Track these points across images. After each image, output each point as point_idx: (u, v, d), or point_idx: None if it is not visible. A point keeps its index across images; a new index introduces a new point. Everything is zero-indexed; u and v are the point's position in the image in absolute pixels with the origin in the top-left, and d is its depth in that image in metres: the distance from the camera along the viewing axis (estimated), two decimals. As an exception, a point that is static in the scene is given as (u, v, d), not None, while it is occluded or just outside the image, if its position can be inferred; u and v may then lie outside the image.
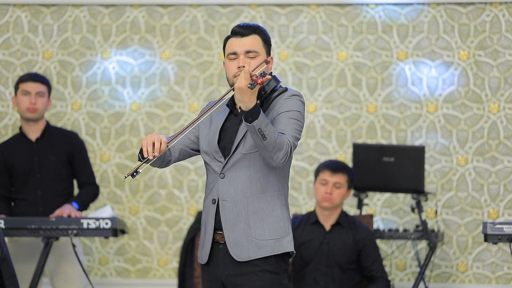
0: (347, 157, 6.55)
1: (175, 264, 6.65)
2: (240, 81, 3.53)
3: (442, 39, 6.58)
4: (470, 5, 6.56)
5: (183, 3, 6.72)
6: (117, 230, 5.24)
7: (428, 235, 5.94)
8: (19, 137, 5.61)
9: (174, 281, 6.58)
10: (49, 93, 5.58)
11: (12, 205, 5.59)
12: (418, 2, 6.59)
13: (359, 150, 6.07)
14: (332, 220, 5.44)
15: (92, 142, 6.71)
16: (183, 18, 6.74)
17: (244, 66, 3.67)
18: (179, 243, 6.60)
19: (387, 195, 6.57)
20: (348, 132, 6.63)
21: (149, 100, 6.74)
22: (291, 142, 3.66)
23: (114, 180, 6.73)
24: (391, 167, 6.01)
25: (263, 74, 3.60)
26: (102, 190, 6.65)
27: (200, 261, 3.81)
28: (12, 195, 5.58)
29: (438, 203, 6.51)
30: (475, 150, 6.52)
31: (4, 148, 5.60)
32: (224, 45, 3.83)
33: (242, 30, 3.77)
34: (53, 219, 5.20)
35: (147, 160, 3.65)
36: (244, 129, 3.72)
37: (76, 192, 5.67)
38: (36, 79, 5.55)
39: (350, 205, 6.43)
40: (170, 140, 3.71)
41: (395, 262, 6.56)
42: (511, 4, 6.52)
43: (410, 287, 6.19)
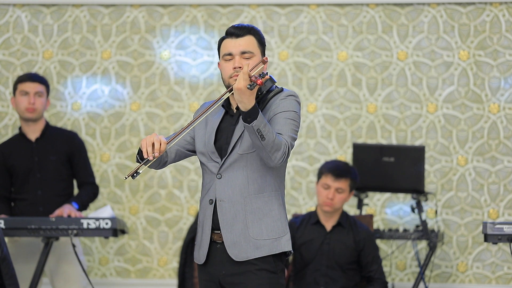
0: (347, 157, 6.55)
1: (175, 264, 6.65)
2: (239, 82, 3.54)
3: (442, 39, 6.58)
4: (470, 5, 6.56)
5: (183, 3, 6.72)
6: (117, 230, 5.24)
7: (428, 235, 5.94)
8: (19, 137, 5.61)
9: (174, 281, 6.58)
10: (48, 93, 5.58)
11: (12, 205, 5.59)
12: (418, 2, 6.59)
13: (359, 150, 6.07)
14: (333, 221, 5.44)
15: (92, 142, 6.71)
16: (183, 18, 6.74)
17: (240, 67, 3.70)
18: (179, 243, 6.60)
19: (387, 195, 6.57)
20: (348, 132, 6.63)
21: (149, 100, 6.74)
22: (289, 142, 3.66)
23: (114, 180, 6.73)
24: (391, 167, 6.01)
25: (262, 75, 3.60)
26: (102, 190, 6.64)
27: (198, 262, 3.81)
28: (12, 195, 5.58)
29: (438, 203, 6.51)
30: (475, 150, 6.52)
31: (4, 149, 5.60)
32: (219, 46, 3.83)
33: (237, 31, 3.76)
34: (53, 219, 5.20)
35: (147, 161, 3.65)
36: (241, 130, 3.73)
37: (76, 192, 5.67)
38: (35, 79, 5.55)
39: (350, 205, 6.43)
40: (169, 141, 3.71)
41: (395, 262, 6.56)
42: (511, 4, 6.52)
43: (410, 287, 6.19)
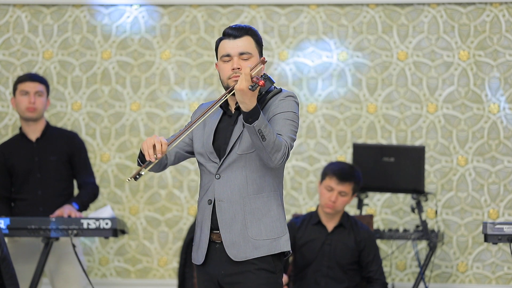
0: (347, 157, 6.55)
1: (175, 264, 6.65)
2: (241, 83, 3.54)
3: (442, 39, 6.58)
4: (470, 5, 6.56)
5: (183, 3, 6.72)
6: (117, 230, 5.24)
7: (428, 235, 5.94)
8: (19, 137, 5.61)
9: (174, 281, 6.58)
10: (48, 93, 5.59)
11: (12, 205, 5.59)
12: (418, 2, 6.59)
13: (359, 150, 6.07)
14: (335, 222, 5.43)
15: (92, 142, 6.71)
16: (183, 18, 6.74)
17: (239, 68, 3.71)
18: (179, 243, 6.60)
19: (387, 195, 6.57)
20: (348, 132, 6.63)
21: (149, 100, 6.74)
22: (288, 143, 3.67)
23: (114, 180, 6.73)
24: (391, 167, 6.01)
25: (264, 76, 3.60)
26: (102, 190, 6.65)
27: (196, 262, 3.81)
28: (12, 195, 5.58)
29: (438, 203, 6.51)
30: (475, 150, 6.52)
31: (4, 149, 5.60)
32: (217, 47, 3.82)
33: (235, 32, 3.76)
34: (53, 219, 5.20)
35: (149, 163, 3.65)
36: (239, 130, 3.73)
37: (76, 192, 5.67)
38: (34, 79, 5.55)
39: (350, 205, 6.43)
40: (170, 142, 3.71)
41: (395, 262, 6.56)
42: (511, 4, 6.52)
43: (410, 287, 6.19)
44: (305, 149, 6.65)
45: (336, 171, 5.36)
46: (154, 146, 3.62)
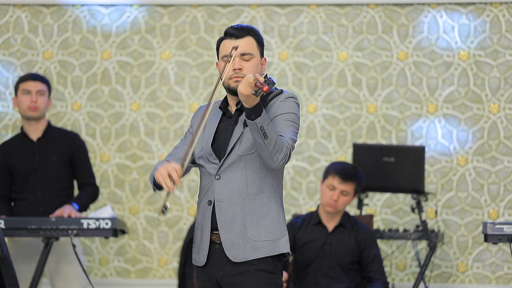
0: (347, 157, 6.55)
1: (175, 264, 6.64)
2: (246, 89, 3.52)
3: (442, 39, 6.58)
4: (470, 5, 6.56)
5: (183, 3, 6.72)
6: (117, 230, 5.24)
7: (428, 235, 5.94)
8: (20, 137, 5.61)
9: (174, 281, 6.58)
10: (50, 93, 5.59)
11: (12, 205, 5.59)
12: (418, 2, 6.59)
13: (359, 150, 6.07)
14: (335, 222, 5.43)
15: (92, 142, 6.71)
16: (183, 18, 6.74)
17: (240, 69, 3.70)
18: (179, 243, 6.60)
19: (387, 195, 6.57)
20: (348, 132, 6.63)
21: (149, 100, 6.74)
22: (290, 144, 3.66)
23: (114, 180, 6.73)
24: (391, 167, 6.01)
25: (269, 81, 3.60)
26: (102, 190, 6.64)
27: (198, 264, 3.79)
28: (12, 195, 5.58)
29: (438, 203, 6.51)
30: (475, 150, 6.52)
31: (5, 148, 5.60)
32: (218, 47, 3.82)
33: (237, 32, 3.76)
34: (53, 219, 5.20)
35: (169, 193, 3.59)
36: (240, 131, 3.73)
37: (76, 193, 5.67)
38: (36, 78, 5.57)
39: (350, 205, 6.43)
40: (182, 163, 3.66)
41: (395, 262, 6.56)
42: (511, 4, 6.52)
43: (410, 287, 6.19)
44: (305, 149, 6.65)
45: (339, 170, 5.36)
46: (170, 175, 3.59)
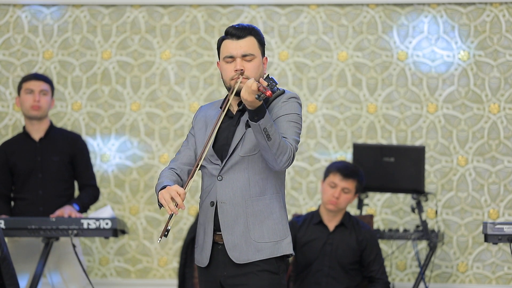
0: (347, 157, 6.55)
1: (175, 264, 6.64)
2: (249, 96, 3.50)
3: (442, 39, 6.58)
4: (470, 5, 6.56)
5: (183, 3, 6.72)
6: (117, 230, 5.24)
7: (428, 235, 5.94)
8: (23, 136, 5.61)
9: (174, 281, 6.58)
10: (52, 93, 5.61)
11: (12, 205, 5.59)
12: (418, 3, 6.59)
13: (359, 150, 6.07)
14: (336, 221, 5.43)
15: (92, 142, 6.71)
16: (183, 18, 6.74)
17: (242, 69, 3.69)
18: (179, 243, 6.60)
19: (387, 195, 6.57)
20: (348, 132, 6.63)
21: (149, 100, 6.74)
22: (294, 146, 3.65)
23: (114, 180, 6.73)
24: (391, 167, 6.00)
25: (272, 86, 3.58)
26: (102, 190, 6.64)
27: (200, 265, 3.78)
28: (13, 195, 5.58)
29: (438, 203, 6.51)
30: (475, 150, 6.52)
31: (7, 147, 5.60)
32: (219, 46, 3.80)
33: (238, 32, 3.74)
34: (53, 219, 5.20)
35: (172, 215, 3.59)
36: (242, 131, 3.71)
37: (76, 194, 5.67)
38: (40, 78, 5.58)
39: (350, 205, 6.43)
40: (186, 184, 3.65)
41: (395, 262, 6.56)
42: (511, 4, 6.52)
43: (410, 287, 6.19)
44: (305, 149, 6.64)
45: (340, 168, 5.38)
46: (172, 198, 3.57)
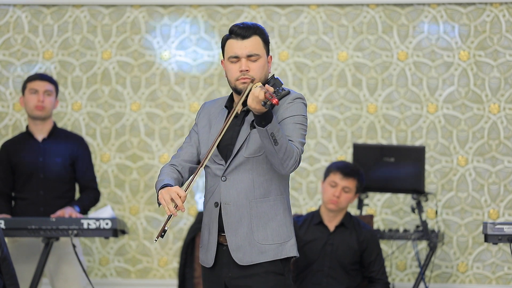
0: (347, 158, 6.55)
1: (175, 264, 6.64)
2: (257, 105, 3.47)
3: (443, 39, 6.58)
4: (471, 6, 6.56)
5: (183, 4, 6.72)
6: (117, 231, 5.23)
7: (429, 236, 5.94)
8: (26, 136, 5.61)
9: (175, 281, 6.58)
10: (57, 93, 5.61)
11: (13, 205, 5.59)
12: (418, 3, 6.59)
13: (359, 151, 6.07)
14: (337, 221, 5.43)
15: (92, 142, 6.71)
16: (183, 19, 6.74)
17: (248, 70, 3.65)
18: (179, 244, 6.60)
19: (387, 195, 6.57)
20: (349, 132, 6.63)
21: (149, 100, 6.74)
22: (300, 149, 3.63)
23: (114, 180, 6.73)
24: (391, 168, 6.01)
25: (278, 92, 3.55)
26: (102, 190, 6.64)
27: (205, 265, 3.76)
28: (14, 194, 5.58)
29: (438, 204, 6.51)
30: (475, 151, 6.52)
31: (10, 146, 5.60)
32: (223, 45, 3.76)
33: (243, 32, 3.69)
34: (54, 219, 5.20)
35: (171, 216, 3.59)
36: (246, 132, 3.68)
37: (77, 196, 5.67)
38: (44, 78, 5.58)
39: (351, 206, 6.42)
40: (187, 187, 3.63)
41: (396, 263, 6.56)
42: (511, 4, 6.52)
43: (411, 287, 6.19)
44: (305, 149, 6.64)
45: (341, 167, 5.39)
46: (172, 199, 3.56)
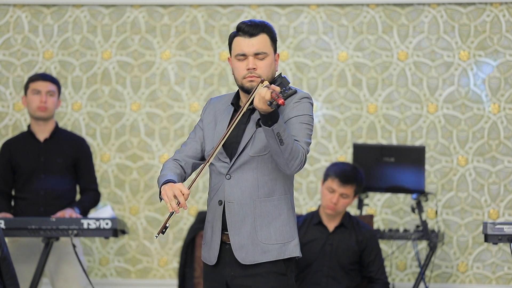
0: (347, 157, 6.55)
1: (175, 264, 6.64)
2: (264, 105, 3.45)
3: (443, 39, 6.58)
4: (471, 5, 6.56)
5: (183, 3, 6.72)
6: (118, 230, 5.23)
7: (429, 235, 5.94)
8: (27, 136, 5.61)
9: (175, 281, 6.58)
10: (59, 93, 5.61)
11: (13, 204, 5.59)
12: (418, 2, 6.59)
13: (360, 150, 6.07)
14: (336, 222, 5.42)
15: (93, 142, 6.71)
16: (183, 19, 6.74)
17: (255, 68, 3.62)
18: (179, 243, 6.60)
19: (387, 195, 6.57)
20: (349, 132, 6.63)
21: (149, 100, 6.74)
22: (305, 149, 3.60)
23: (114, 180, 6.73)
24: (392, 167, 6.01)
25: (284, 92, 3.53)
26: (102, 190, 6.64)
27: (208, 262, 3.74)
28: (14, 194, 5.59)
29: (439, 203, 6.51)
30: (475, 150, 6.52)
31: (12, 145, 5.60)
32: (230, 42, 3.72)
33: (251, 30, 3.66)
34: (54, 219, 5.20)
35: (173, 213, 3.58)
36: (252, 130, 3.66)
37: (77, 197, 5.67)
38: (46, 79, 5.58)
39: (351, 206, 6.42)
40: (191, 185, 3.61)
41: (396, 262, 6.56)
42: (511, 4, 6.52)
43: (411, 287, 6.19)
44: (305, 149, 6.64)
45: (338, 173, 5.33)
46: (175, 196, 3.55)
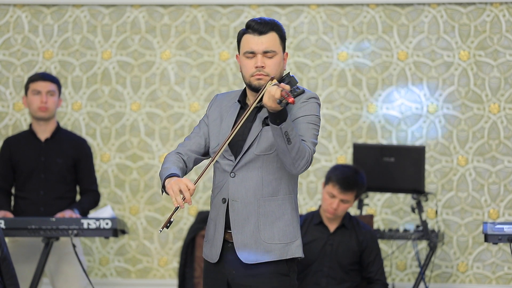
0: (347, 157, 6.55)
1: (176, 264, 6.64)
2: (273, 103, 3.43)
3: (443, 39, 6.58)
4: (471, 5, 6.56)
5: (184, 3, 6.72)
6: (118, 230, 5.23)
7: (429, 235, 5.94)
8: (28, 135, 5.60)
9: (175, 281, 6.58)
10: (60, 92, 5.60)
11: (13, 204, 5.59)
12: (419, 2, 6.59)
13: (360, 150, 6.07)
14: (337, 223, 5.42)
15: (93, 142, 6.71)
16: (184, 18, 6.74)
17: (263, 66, 3.60)
18: (179, 243, 6.60)
19: (387, 195, 6.57)
20: (349, 132, 6.63)
21: (149, 100, 6.74)
22: (312, 150, 3.59)
23: (114, 180, 6.73)
24: (392, 167, 6.00)
25: (294, 91, 3.53)
26: (102, 190, 6.64)
27: (210, 260, 3.72)
28: (14, 193, 5.58)
29: (439, 203, 6.51)
30: (476, 150, 6.52)
31: (12, 143, 5.60)
32: (239, 40, 3.70)
33: (260, 28, 3.64)
34: (54, 219, 5.20)
35: (178, 208, 3.54)
36: (258, 128, 3.65)
37: (77, 198, 5.67)
38: (46, 78, 5.57)
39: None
40: (197, 181, 3.59)
41: (396, 262, 6.56)
42: (511, 4, 6.52)
43: (411, 287, 6.19)
44: (305, 149, 6.64)
45: (340, 180, 5.28)
46: (181, 191, 3.51)
